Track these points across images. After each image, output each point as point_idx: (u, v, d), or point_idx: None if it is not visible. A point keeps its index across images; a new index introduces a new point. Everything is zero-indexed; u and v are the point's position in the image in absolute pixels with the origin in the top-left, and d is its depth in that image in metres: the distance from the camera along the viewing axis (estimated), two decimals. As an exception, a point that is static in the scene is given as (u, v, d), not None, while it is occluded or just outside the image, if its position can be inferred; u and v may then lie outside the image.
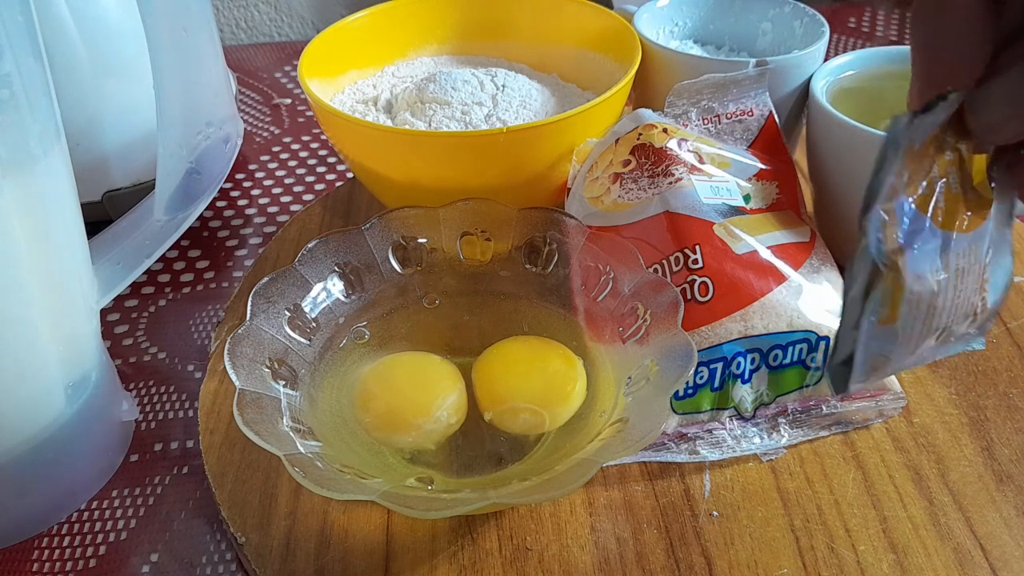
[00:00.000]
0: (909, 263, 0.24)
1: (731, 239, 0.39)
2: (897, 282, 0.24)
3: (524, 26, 0.56)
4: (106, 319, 0.49)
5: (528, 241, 0.42)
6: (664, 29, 0.54)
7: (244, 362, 0.34)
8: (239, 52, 0.79)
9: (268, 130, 0.67)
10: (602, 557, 0.34)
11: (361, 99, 0.52)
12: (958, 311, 0.26)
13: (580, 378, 0.37)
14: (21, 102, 0.31)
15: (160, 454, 0.41)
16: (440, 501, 0.31)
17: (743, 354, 0.38)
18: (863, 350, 0.24)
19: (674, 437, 0.38)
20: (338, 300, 0.40)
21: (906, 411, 0.39)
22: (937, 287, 0.25)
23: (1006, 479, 0.36)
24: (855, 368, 0.25)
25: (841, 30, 0.79)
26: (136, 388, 0.45)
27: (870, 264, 0.24)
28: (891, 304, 0.24)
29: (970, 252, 0.26)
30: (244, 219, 0.57)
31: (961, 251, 0.26)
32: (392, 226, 0.41)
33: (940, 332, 0.26)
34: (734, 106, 0.45)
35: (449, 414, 0.37)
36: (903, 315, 0.24)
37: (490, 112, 0.47)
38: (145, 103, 0.43)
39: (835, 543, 0.34)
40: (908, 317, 0.25)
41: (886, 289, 0.24)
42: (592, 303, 0.40)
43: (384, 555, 0.34)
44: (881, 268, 0.24)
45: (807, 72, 0.47)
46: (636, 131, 0.43)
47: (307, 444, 0.33)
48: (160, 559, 0.36)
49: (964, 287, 0.26)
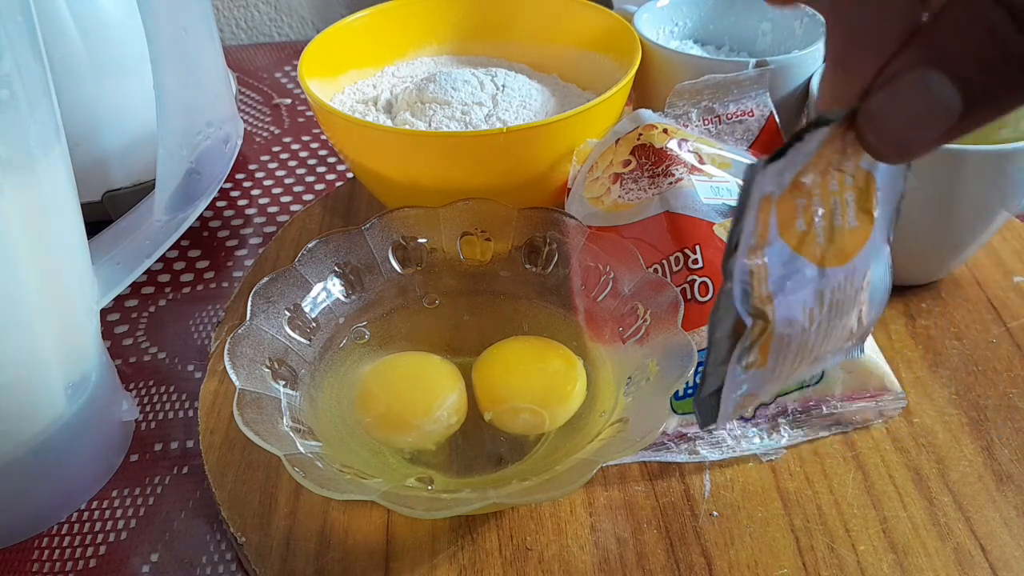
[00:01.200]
0: (778, 310, 0.24)
1: (731, 239, 0.39)
2: (766, 329, 0.24)
3: (524, 26, 0.56)
4: (106, 319, 0.49)
5: (528, 241, 0.42)
6: (664, 29, 0.54)
7: (244, 362, 0.34)
8: (239, 52, 0.79)
9: (268, 130, 0.67)
10: (602, 557, 0.34)
11: (361, 99, 0.52)
12: (834, 339, 0.25)
13: (580, 378, 0.37)
14: (21, 102, 0.31)
15: (160, 454, 0.41)
16: (440, 501, 0.31)
17: (743, 354, 0.38)
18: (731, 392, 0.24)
19: (674, 437, 0.38)
20: (338, 300, 0.40)
21: (906, 411, 0.39)
22: (810, 324, 0.24)
23: (1006, 479, 0.36)
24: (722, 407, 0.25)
25: (841, 30, 0.79)
26: (136, 388, 0.45)
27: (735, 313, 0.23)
28: (760, 351, 0.24)
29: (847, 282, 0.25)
30: (244, 219, 0.57)
31: (838, 284, 0.25)
32: (392, 226, 0.41)
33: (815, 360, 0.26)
34: (734, 106, 0.45)
35: (449, 414, 0.37)
36: (772, 357, 0.24)
37: (490, 112, 0.47)
38: (145, 103, 0.43)
39: (835, 543, 0.34)
40: (778, 358, 0.24)
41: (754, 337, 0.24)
42: (592, 303, 0.40)
43: (384, 555, 0.34)
44: (745, 320, 0.23)
45: (807, 72, 0.47)
46: (636, 131, 0.43)
47: (307, 444, 0.33)
48: (160, 559, 0.36)
49: (840, 315, 0.25)
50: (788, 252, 0.23)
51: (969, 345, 0.43)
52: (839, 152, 0.23)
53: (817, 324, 0.24)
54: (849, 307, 0.25)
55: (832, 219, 0.23)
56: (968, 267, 0.48)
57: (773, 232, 0.23)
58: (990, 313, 0.45)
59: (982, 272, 0.47)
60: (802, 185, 0.23)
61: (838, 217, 0.24)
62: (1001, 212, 0.42)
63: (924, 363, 0.42)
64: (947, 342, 0.43)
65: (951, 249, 0.44)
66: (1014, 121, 0.43)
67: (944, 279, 0.47)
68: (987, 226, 0.43)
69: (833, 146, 0.22)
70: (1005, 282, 0.47)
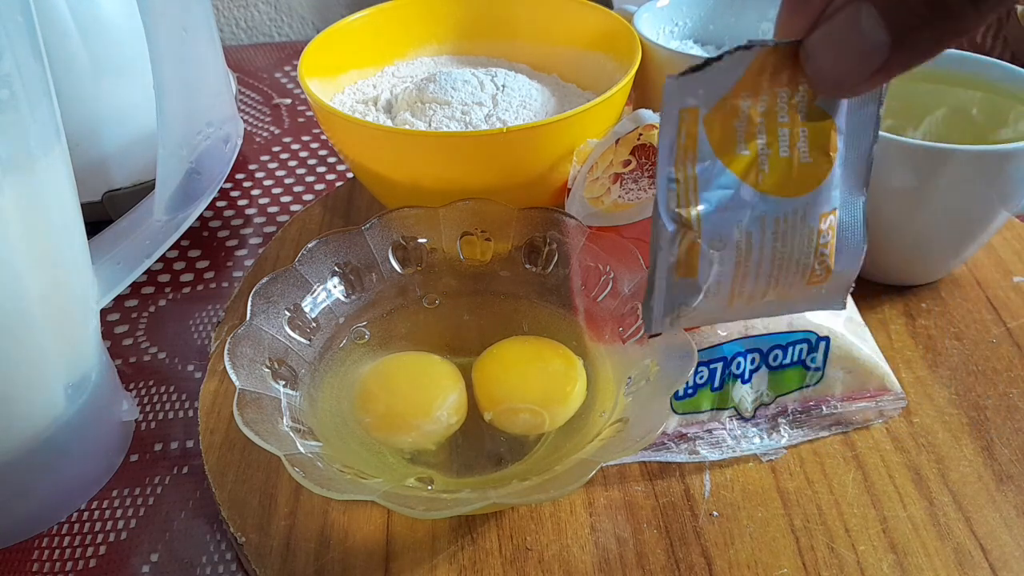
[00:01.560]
0: (705, 222, 0.25)
1: (731, 239, 0.39)
2: (689, 236, 0.25)
3: (524, 26, 0.56)
4: (106, 319, 0.49)
5: (528, 241, 0.42)
6: (664, 29, 0.54)
7: (244, 362, 0.34)
8: (239, 52, 0.79)
9: (268, 130, 0.67)
10: (602, 557, 0.34)
11: (361, 99, 0.52)
12: (788, 274, 0.26)
13: (580, 378, 0.37)
14: (21, 102, 0.31)
15: (160, 454, 0.41)
16: (440, 501, 0.31)
17: (743, 354, 0.38)
18: (662, 295, 0.26)
19: (674, 437, 0.38)
20: (338, 300, 0.40)
21: (906, 411, 0.39)
22: (747, 246, 0.25)
23: (1006, 479, 0.36)
24: (652, 310, 0.26)
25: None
26: (136, 388, 0.45)
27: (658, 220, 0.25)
28: (688, 257, 0.25)
29: (797, 216, 0.26)
30: (244, 219, 0.57)
31: (784, 215, 0.26)
32: (392, 226, 0.41)
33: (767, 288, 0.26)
34: (734, 106, 0.45)
35: (449, 414, 0.37)
36: (702, 270, 0.25)
37: (490, 112, 0.47)
38: (145, 103, 0.43)
39: (835, 543, 0.34)
40: (708, 272, 0.26)
41: (680, 243, 0.25)
42: (592, 303, 0.40)
43: (384, 555, 0.34)
44: (667, 225, 0.25)
45: (807, 72, 0.47)
46: (636, 131, 0.43)
47: (307, 444, 0.33)
48: (160, 559, 0.36)
49: (790, 249, 0.26)
50: (725, 172, 0.25)
51: (969, 345, 0.43)
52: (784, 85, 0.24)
53: (759, 249, 0.25)
54: (802, 243, 0.25)
55: (778, 149, 0.24)
56: (968, 267, 0.48)
57: (705, 148, 0.25)
58: (990, 313, 0.45)
59: (982, 272, 0.47)
60: (737, 108, 0.24)
61: (784, 148, 0.24)
62: (1001, 212, 0.42)
63: (924, 363, 0.42)
64: (947, 342, 0.43)
65: (951, 249, 0.44)
66: (1013, 121, 0.43)
67: (944, 279, 0.47)
68: (987, 226, 0.43)
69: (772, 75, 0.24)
70: (1005, 282, 0.47)
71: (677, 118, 0.24)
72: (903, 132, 0.41)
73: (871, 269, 0.46)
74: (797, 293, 0.27)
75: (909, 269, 0.46)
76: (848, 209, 0.26)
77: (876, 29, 0.20)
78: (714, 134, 0.25)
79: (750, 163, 0.25)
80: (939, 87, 0.47)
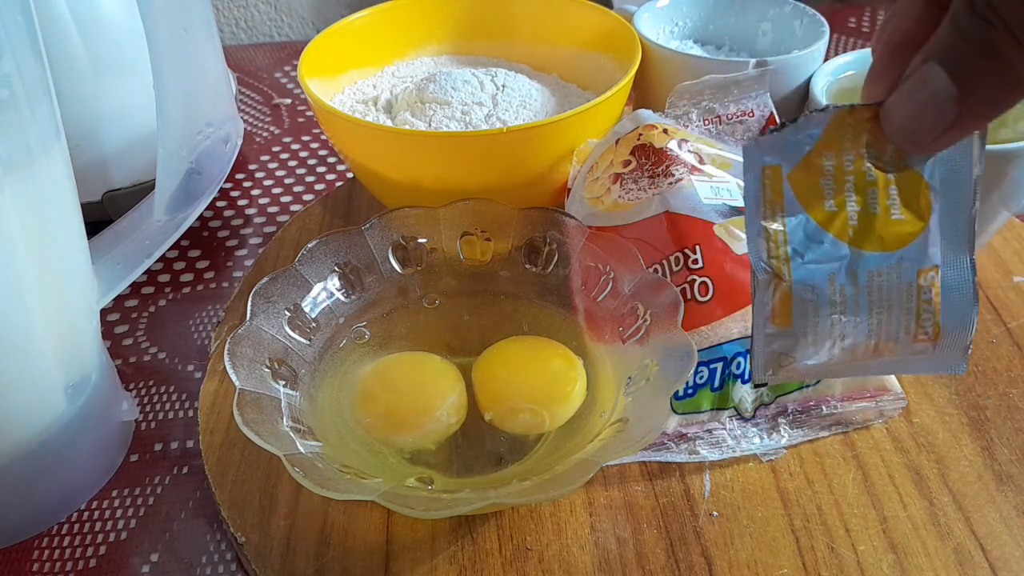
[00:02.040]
0: (796, 272, 0.27)
1: (731, 239, 0.39)
2: (782, 287, 0.27)
3: (524, 26, 0.56)
4: (106, 319, 0.49)
5: (528, 241, 0.42)
6: (664, 29, 0.54)
7: (244, 362, 0.34)
8: (239, 52, 0.79)
9: (268, 130, 0.67)
10: (602, 557, 0.34)
11: (361, 99, 0.52)
12: (888, 327, 0.27)
13: (580, 378, 0.37)
14: (21, 102, 0.31)
15: (160, 454, 0.41)
16: (440, 501, 0.31)
17: (743, 354, 0.38)
18: (761, 344, 0.27)
19: (674, 437, 0.38)
20: (338, 300, 0.40)
21: (906, 411, 0.39)
22: (840, 299, 0.26)
23: (1006, 479, 0.36)
24: (754, 358, 0.28)
25: (841, 30, 0.79)
26: (136, 388, 0.45)
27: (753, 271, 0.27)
28: (782, 308, 0.27)
29: (892, 271, 0.27)
30: (244, 219, 0.57)
31: (878, 268, 0.27)
32: (392, 226, 0.41)
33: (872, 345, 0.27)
34: (735, 107, 0.45)
35: (449, 414, 0.37)
36: (796, 319, 0.27)
37: (490, 112, 0.47)
38: (145, 103, 0.43)
39: (835, 543, 0.34)
40: (802, 322, 0.27)
41: (774, 293, 0.27)
42: (592, 303, 0.40)
43: (384, 555, 0.34)
44: (759, 274, 0.27)
45: (807, 72, 0.47)
46: (636, 131, 0.43)
47: (307, 444, 0.33)
48: (160, 559, 0.36)
49: (887, 302, 0.27)
50: (813, 225, 0.26)
51: (969, 345, 0.43)
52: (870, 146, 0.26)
53: (854, 302, 0.26)
54: (900, 298, 0.26)
55: (866, 205, 0.26)
56: (968, 267, 0.48)
57: (792, 202, 0.26)
58: (990, 313, 0.45)
59: (982, 272, 0.47)
60: (821, 166, 0.26)
61: (873, 205, 0.26)
62: (1001, 212, 0.42)
63: (924, 363, 0.42)
64: (947, 342, 0.43)
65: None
66: (1013, 121, 0.43)
67: (944, 279, 0.47)
68: (987, 226, 0.43)
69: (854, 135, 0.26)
70: (1005, 282, 0.47)
71: (760, 174, 0.26)
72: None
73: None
74: (906, 352, 0.28)
75: (909, 269, 0.46)
76: (952, 267, 0.27)
77: (943, 84, 0.22)
78: (800, 189, 0.26)
79: (839, 217, 0.27)
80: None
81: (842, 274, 0.27)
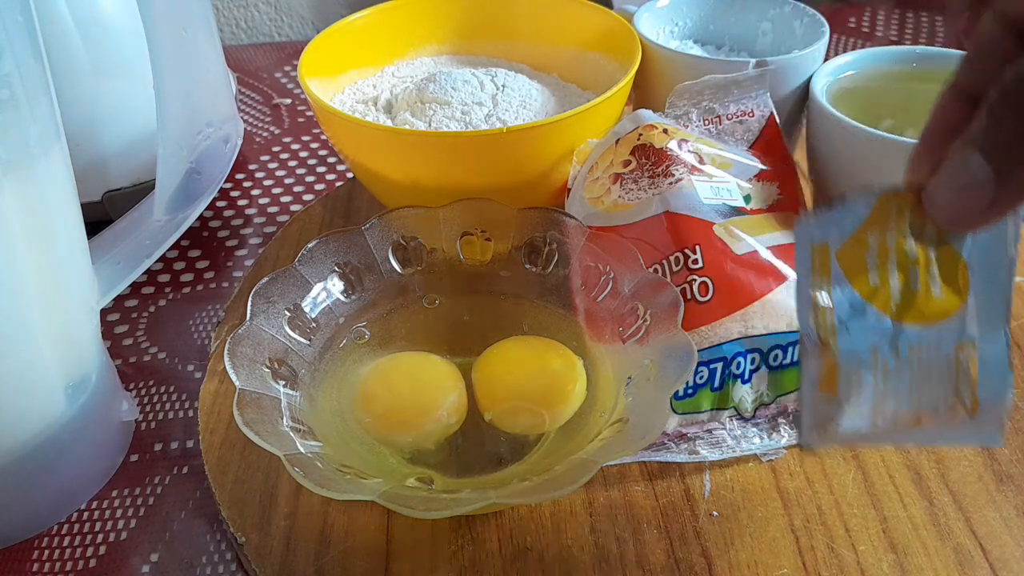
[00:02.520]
0: (842, 342, 0.28)
1: (731, 239, 0.39)
2: (829, 356, 0.28)
3: (524, 26, 0.56)
4: (106, 319, 0.49)
5: (528, 241, 0.42)
6: (664, 29, 0.54)
7: (244, 362, 0.34)
8: (239, 52, 0.79)
9: (268, 130, 0.67)
10: (602, 557, 0.34)
11: (361, 99, 0.52)
12: (927, 398, 0.28)
13: (580, 378, 0.37)
14: (21, 102, 0.31)
15: (160, 454, 0.41)
16: (440, 501, 0.31)
17: (743, 354, 0.38)
18: (809, 408, 0.28)
19: (674, 437, 0.38)
20: (338, 300, 0.40)
21: (906, 411, 0.39)
22: (882, 369, 0.28)
23: (1006, 479, 0.36)
24: (803, 422, 0.29)
25: (841, 30, 0.79)
26: (136, 388, 0.45)
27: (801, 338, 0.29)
28: (828, 375, 0.28)
29: (932, 345, 0.28)
30: (244, 219, 0.57)
31: (918, 341, 0.28)
32: (392, 226, 0.41)
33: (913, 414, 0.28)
34: (735, 107, 0.45)
35: (449, 414, 0.37)
36: (841, 387, 0.28)
37: (490, 112, 0.47)
38: (145, 103, 0.43)
39: (835, 543, 0.34)
40: (847, 390, 0.28)
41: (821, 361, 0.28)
42: (592, 303, 0.40)
43: (384, 555, 0.34)
44: (807, 343, 0.28)
45: (807, 72, 0.47)
46: (636, 132, 0.43)
47: (307, 444, 0.33)
48: (160, 559, 0.36)
49: (928, 372, 0.28)
50: (857, 298, 0.28)
51: (969, 345, 0.43)
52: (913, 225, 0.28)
53: (896, 373, 0.28)
54: (940, 371, 0.28)
55: (908, 281, 0.28)
56: (968, 267, 0.48)
57: (838, 276, 0.28)
58: (990, 313, 0.45)
59: (982, 272, 0.47)
60: (866, 243, 0.28)
61: (915, 281, 0.28)
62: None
63: (924, 363, 0.42)
64: (947, 342, 0.43)
65: (951, 249, 0.44)
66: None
67: (944, 279, 0.47)
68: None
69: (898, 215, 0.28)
70: (1005, 282, 0.47)
71: (810, 251, 0.28)
72: (903, 132, 0.41)
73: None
74: (947, 422, 0.28)
75: (909, 269, 0.46)
76: (989, 342, 0.28)
77: (981, 167, 0.23)
78: (846, 264, 0.28)
79: (882, 292, 0.28)
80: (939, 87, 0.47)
81: (885, 346, 0.28)
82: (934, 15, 0.82)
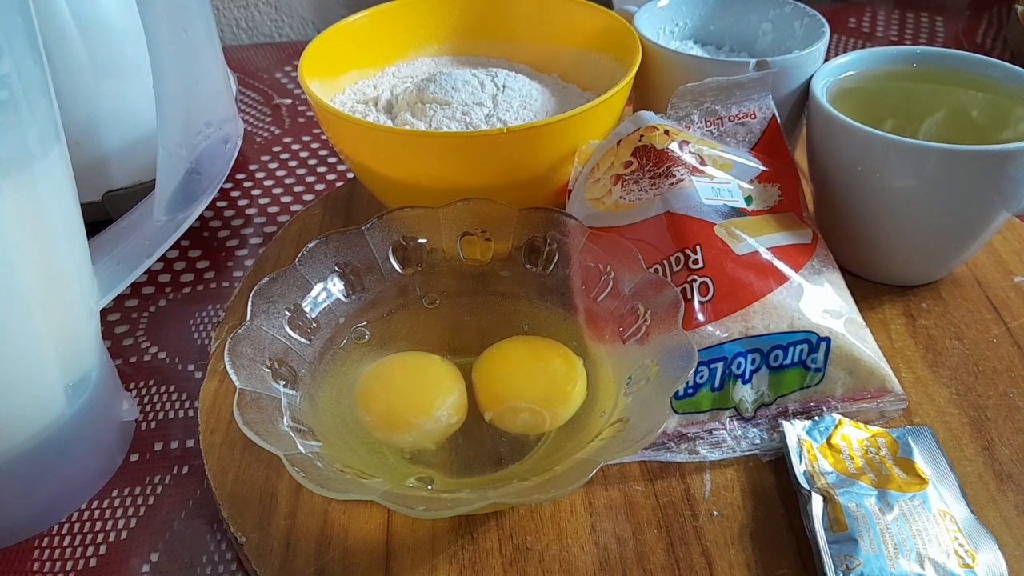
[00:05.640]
0: (840, 496, 0.33)
1: (732, 240, 0.39)
2: (835, 503, 0.33)
3: (524, 26, 0.56)
4: (106, 319, 0.49)
5: (528, 241, 0.42)
6: (664, 29, 0.54)
7: (244, 362, 0.34)
8: (239, 52, 0.79)
9: (268, 130, 0.67)
10: (602, 557, 0.34)
11: (361, 99, 0.52)
12: (931, 550, 0.31)
13: (580, 378, 0.37)
14: (21, 102, 0.31)
15: (160, 454, 0.41)
16: (440, 501, 0.31)
17: (743, 354, 0.38)
18: (827, 552, 0.32)
19: (674, 437, 0.38)
20: (338, 300, 0.40)
21: (907, 411, 0.39)
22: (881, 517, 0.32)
23: (1006, 479, 0.36)
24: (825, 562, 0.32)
25: (841, 30, 0.79)
26: (136, 388, 0.45)
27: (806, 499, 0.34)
28: (836, 516, 0.33)
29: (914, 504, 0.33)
30: (244, 219, 0.57)
31: (901, 500, 0.33)
32: (392, 226, 0.41)
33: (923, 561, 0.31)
34: (737, 109, 0.45)
35: (449, 414, 0.37)
36: (851, 526, 0.32)
37: (490, 112, 0.47)
38: (145, 103, 0.43)
39: (835, 543, 0.34)
40: (856, 528, 0.32)
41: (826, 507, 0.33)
42: (592, 303, 0.40)
43: (384, 555, 0.34)
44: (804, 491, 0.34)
45: (807, 72, 0.47)
46: (638, 133, 0.43)
47: (307, 444, 0.33)
48: (160, 559, 0.36)
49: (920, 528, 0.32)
50: (844, 478, 0.35)
51: (969, 345, 0.43)
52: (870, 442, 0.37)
53: (895, 522, 0.32)
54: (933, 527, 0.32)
55: (879, 470, 0.35)
56: (968, 267, 0.48)
57: (824, 465, 0.35)
58: (990, 313, 0.45)
59: (982, 272, 0.47)
60: (838, 446, 0.36)
61: (884, 470, 0.35)
62: (1001, 212, 0.42)
63: (924, 363, 0.42)
64: (947, 342, 0.43)
65: (951, 249, 0.44)
66: (1014, 122, 0.43)
67: (944, 279, 0.47)
68: (987, 226, 0.43)
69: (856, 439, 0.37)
70: (1005, 282, 0.47)
71: (800, 446, 0.36)
72: (903, 133, 0.41)
73: (871, 269, 0.46)
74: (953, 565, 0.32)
75: (909, 269, 0.46)
76: (960, 512, 0.34)
77: None
78: (828, 458, 0.36)
79: (862, 472, 0.35)
80: (939, 87, 0.47)
81: (876, 499, 0.33)
82: (934, 15, 0.82)
